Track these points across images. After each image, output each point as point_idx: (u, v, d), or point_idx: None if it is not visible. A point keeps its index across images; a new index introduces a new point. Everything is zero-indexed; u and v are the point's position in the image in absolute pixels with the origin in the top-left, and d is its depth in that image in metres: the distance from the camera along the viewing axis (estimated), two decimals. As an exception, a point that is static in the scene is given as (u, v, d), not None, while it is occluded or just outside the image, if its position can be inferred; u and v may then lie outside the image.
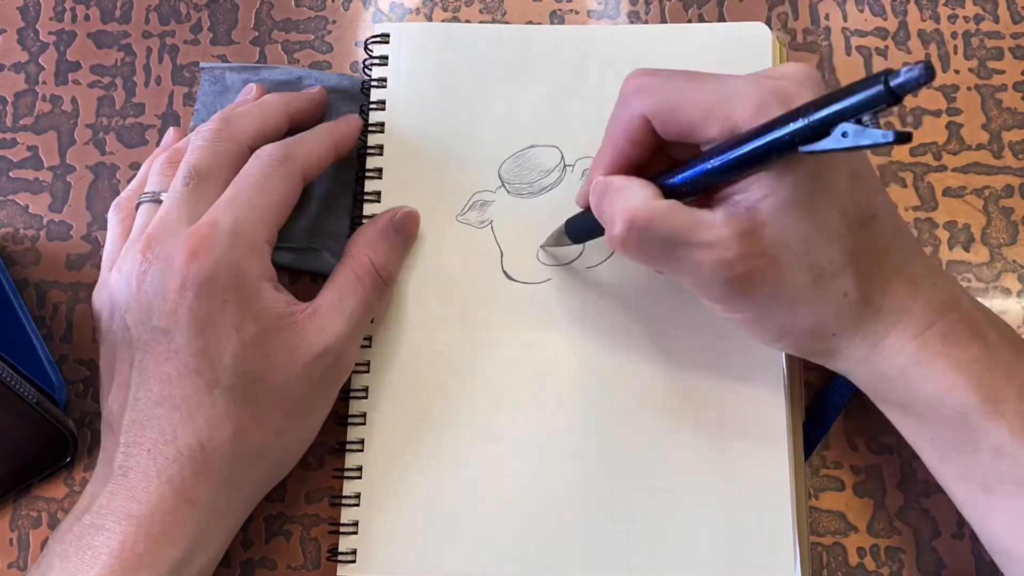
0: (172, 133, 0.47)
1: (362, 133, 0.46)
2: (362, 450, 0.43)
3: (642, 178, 0.37)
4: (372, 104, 0.47)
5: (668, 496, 0.42)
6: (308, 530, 0.44)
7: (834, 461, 0.44)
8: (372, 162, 0.46)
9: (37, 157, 0.49)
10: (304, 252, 0.46)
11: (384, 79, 0.47)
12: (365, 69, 0.48)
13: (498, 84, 0.47)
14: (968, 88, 0.49)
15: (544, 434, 0.43)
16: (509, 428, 0.43)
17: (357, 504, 0.42)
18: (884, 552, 0.43)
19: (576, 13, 0.51)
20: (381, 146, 0.46)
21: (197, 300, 0.37)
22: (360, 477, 0.42)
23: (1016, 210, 0.47)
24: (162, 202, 0.40)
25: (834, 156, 0.34)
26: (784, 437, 0.42)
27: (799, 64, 0.36)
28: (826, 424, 0.44)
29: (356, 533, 0.42)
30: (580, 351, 0.44)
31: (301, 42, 0.51)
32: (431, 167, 0.46)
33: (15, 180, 0.49)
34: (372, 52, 0.48)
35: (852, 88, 0.29)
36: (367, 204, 0.45)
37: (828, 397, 0.44)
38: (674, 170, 0.36)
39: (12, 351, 0.42)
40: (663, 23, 0.50)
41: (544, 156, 0.46)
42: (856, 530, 0.43)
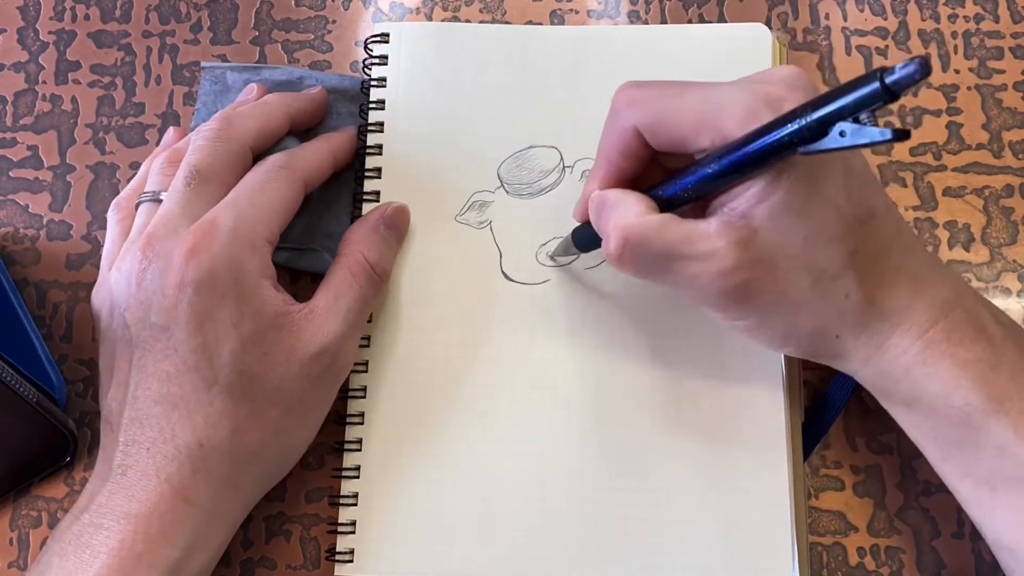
0: (172, 133, 0.47)
1: (361, 132, 0.46)
2: (360, 450, 0.43)
3: (637, 191, 0.37)
4: (372, 103, 0.47)
5: (667, 496, 0.42)
6: (308, 530, 0.44)
7: (834, 461, 0.44)
8: (371, 162, 0.46)
9: (37, 157, 0.49)
10: (303, 252, 0.46)
11: (384, 79, 0.47)
12: (365, 68, 0.48)
13: (498, 84, 0.47)
14: (968, 88, 0.49)
15: (542, 434, 0.43)
16: (507, 428, 0.43)
17: (355, 504, 0.42)
18: (884, 552, 0.43)
19: (576, 13, 0.51)
20: (380, 146, 0.46)
21: (196, 296, 0.37)
22: (358, 477, 0.42)
23: (1016, 210, 0.47)
24: (162, 201, 0.40)
25: (828, 157, 0.34)
26: (783, 437, 0.42)
27: (789, 67, 0.36)
28: (826, 424, 0.44)
29: (354, 533, 0.42)
30: (579, 352, 0.44)
31: (301, 42, 0.51)
32: (430, 167, 0.46)
33: (15, 180, 0.49)
34: (372, 51, 0.48)
35: (848, 87, 0.29)
36: (366, 204, 0.45)
37: (828, 397, 0.44)
38: (668, 180, 0.36)
39: (12, 351, 0.42)
40: (663, 23, 0.50)
41: (543, 157, 0.46)
42: (856, 530, 0.43)
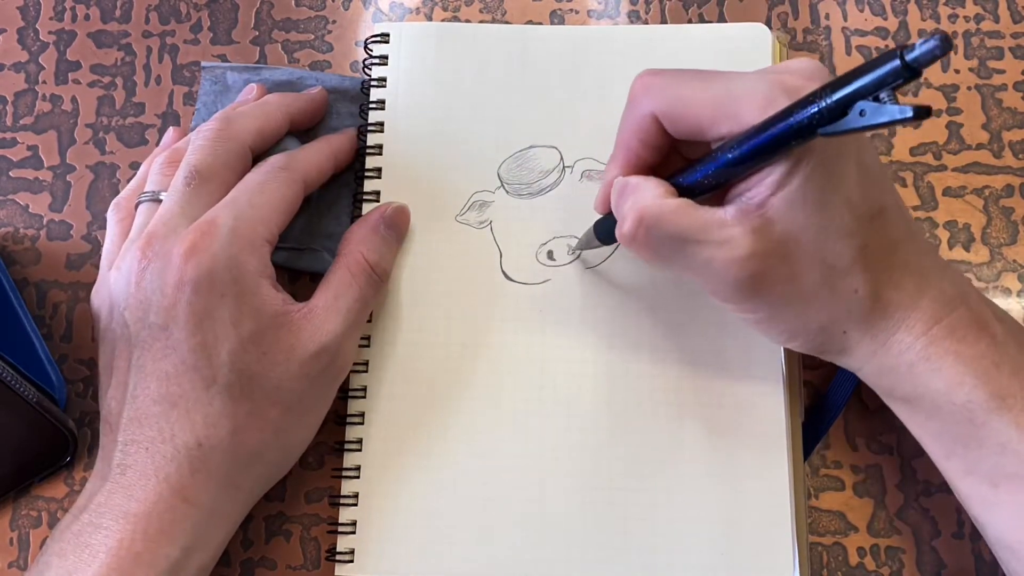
0: (172, 133, 0.47)
1: (361, 132, 0.46)
2: (360, 450, 0.43)
3: (658, 178, 0.37)
4: (372, 103, 0.47)
5: (667, 496, 0.42)
6: (308, 530, 0.44)
7: (834, 461, 0.44)
8: (371, 162, 0.46)
9: (37, 157, 0.49)
10: (303, 252, 0.46)
11: (384, 79, 0.47)
12: (365, 69, 0.48)
13: (498, 84, 0.47)
14: (968, 88, 0.49)
15: (542, 434, 0.43)
16: (507, 428, 0.43)
17: (355, 504, 0.42)
18: (884, 552, 0.43)
19: (576, 13, 0.51)
20: (380, 146, 0.46)
21: (195, 295, 0.37)
22: (358, 477, 0.42)
23: (1016, 210, 0.47)
24: (161, 201, 0.40)
25: (843, 151, 0.34)
26: (783, 437, 0.42)
27: (807, 59, 0.36)
28: (826, 424, 0.44)
29: (354, 533, 0.42)
30: (579, 352, 0.44)
31: (301, 42, 0.51)
32: (430, 167, 0.46)
33: (15, 180, 0.49)
34: (372, 51, 0.48)
35: (867, 66, 0.29)
36: (366, 203, 0.45)
37: (828, 397, 0.44)
38: (687, 168, 0.36)
39: (12, 351, 0.42)
40: (663, 23, 0.50)
41: (543, 157, 0.46)
42: (856, 530, 0.43)
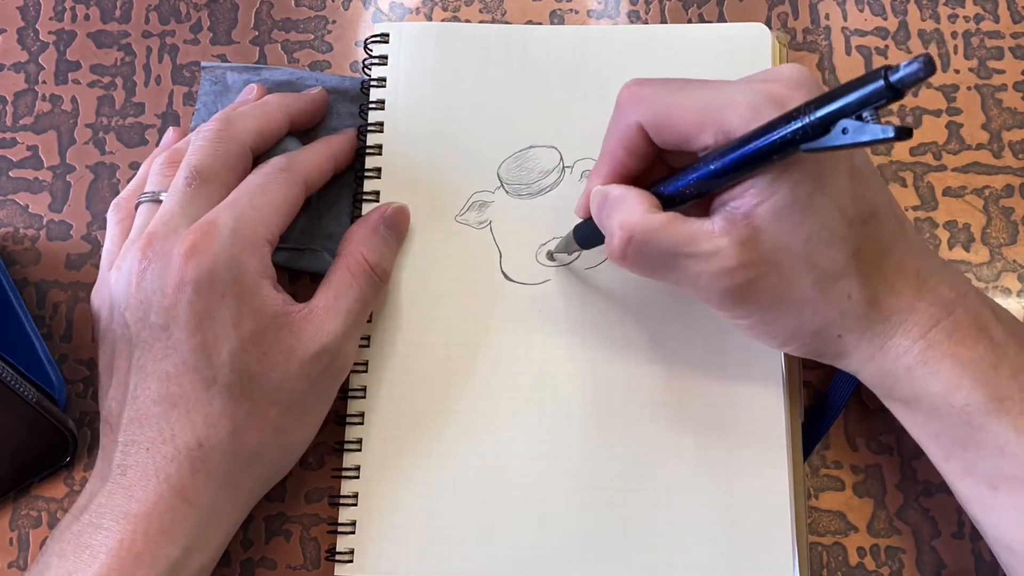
0: (172, 133, 0.47)
1: (361, 132, 0.47)
2: (360, 450, 0.43)
3: (640, 187, 0.37)
4: (371, 104, 0.47)
5: (667, 496, 0.42)
6: (308, 530, 0.44)
7: (834, 461, 0.44)
8: (371, 162, 0.46)
9: (37, 157, 0.49)
10: (303, 252, 0.46)
11: (383, 79, 0.47)
12: (364, 69, 0.48)
13: (497, 84, 0.47)
14: (968, 88, 0.49)
15: (542, 434, 0.43)
16: (507, 428, 0.43)
17: (355, 504, 0.42)
18: (884, 552, 0.43)
19: (576, 13, 0.51)
20: (380, 146, 0.46)
21: (196, 295, 0.37)
22: (358, 477, 0.42)
23: (1016, 210, 0.47)
24: (161, 202, 0.40)
25: (833, 156, 0.34)
26: (783, 437, 0.42)
27: (793, 66, 0.36)
28: (826, 424, 0.44)
29: (354, 533, 0.42)
30: (579, 352, 0.44)
31: (301, 42, 0.51)
32: (430, 167, 0.46)
33: (15, 180, 0.49)
34: (371, 52, 0.48)
35: (852, 84, 0.29)
36: (366, 204, 0.45)
37: (828, 397, 0.44)
38: (671, 177, 0.36)
39: (12, 351, 0.42)
40: (663, 23, 0.50)
41: (543, 157, 0.46)
42: (856, 530, 0.43)
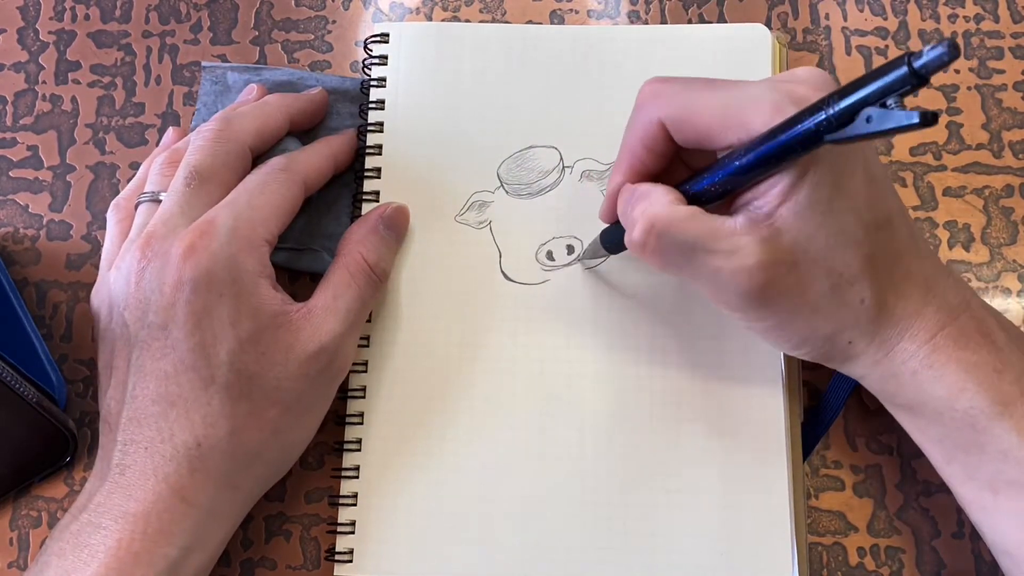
0: (172, 133, 0.47)
1: (361, 132, 0.47)
2: (359, 450, 0.43)
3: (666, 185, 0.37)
4: (371, 103, 0.47)
5: (666, 496, 0.42)
6: (308, 530, 0.44)
7: (834, 461, 0.44)
8: (371, 162, 0.46)
9: (37, 157, 0.49)
10: (303, 252, 0.46)
11: (383, 79, 0.47)
12: (364, 68, 0.48)
13: (497, 84, 0.47)
14: (968, 88, 0.49)
15: (541, 434, 0.43)
16: (507, 429, 0.43)
17: (354, 504, 0.42)
18: (884, 552, 0.43)
19: (576, 13, 0.51)
20: (380, 146, 0.46)
21: (194, 294, 0.37)
22: (357, 477, 0.42)
23: (1016, 210, 0.47)
24: (161, 202, 0.41)
25: (850, 160, 0.34)
26: (783, 437, 0.42)
27: (812, 68, 0.36)
28: (826, 424, 0.44)
29: (353, 533, 0.42)
30: (578, 352, 0.43)
31: (301, 42, 0.51)
32: (430, 167, 0.46)
33: (15, 180, 0.49)
34: (371, 51, 0.48)
35: (875, 73, 0.29)
36: (366, 203, 0.45)
37: (828, 397, 0.44)
38: (695, 176, 0.36)
39: (12, 351, 0.42)
40: (663, 23, 0.50)
41: (543, 157, 0.46)
42: (856, 530, 0.43)
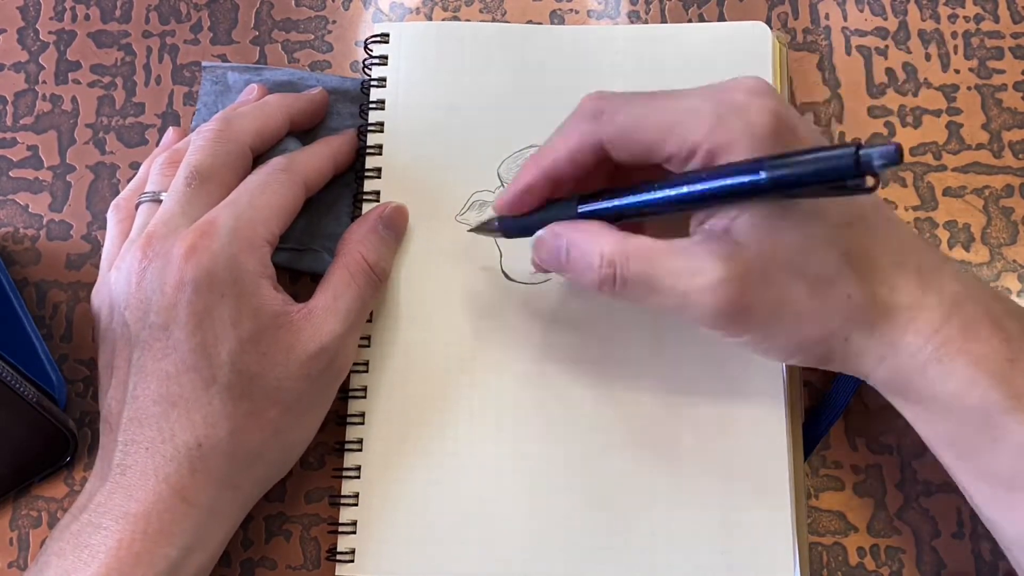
0: (172, 133, 0.47)
1: (361, 132, 0.47)
2: (361, 450, 0.43)
3: (597, 220, 0.37)
4: (371, 103, 0.47)
5: (667, 496, 0.42)
6: (308, 530, 0.44)
7: (834, 461, 0.44)
8: (371, 162, 0.46)
9: (37, 157, 0.49)
10: (304, 252, 0.46)
11: (383, 79, 0.47)
12: (364, 68, 0.48)
13: (497, 84, 0.47)
14: (968, 88, 0.49)
15: (543, 434, 0.43)
16: (508, 428, 0.43)
17: (356, 504, 0.42)
18: (884, 552, 0.43)
19: (576, 13, 0.51)
20: (380, 146, 0.46)
21: (195, 294, 0.37)
22: (359, 477, 0.42)
23: (1016, 210, 0.47)
24: (162, 202, 0.41)
25: None
26: (783, 437, 0.42)
27: (751, 77, 0.36)
28: (826, 424, 0.43)
29: (355, 533, 0.42)
30: (579, 351, 0.43)
31: (301, 42, 0.51)
32: (430, 167, 0.46)
33: (15, 180, 0.49)
34: (371, 51, 0.48)
35: (820, 160, 0.31)
36: (366, 203, 0.45)
37: (828, 397, 0.44)
38: (610, 192, 0.37)
39: (12, 351, 0.42)
40: (663, 23, 0.50)
41: (543, 156, 0.46)
42: (856, 530, 0.43)
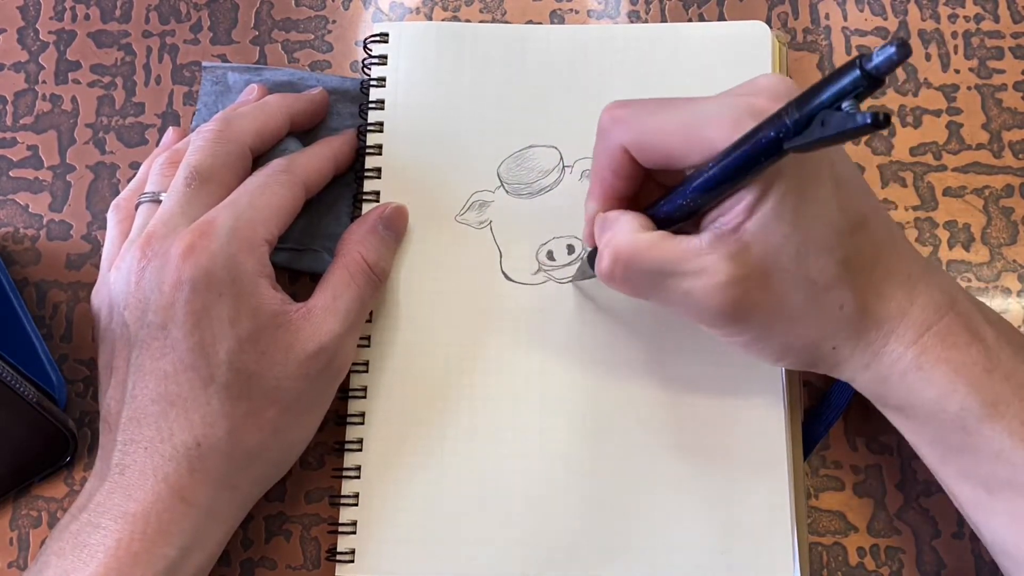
0: (172, 133, 0.47)
1: (361, 132, 0.47)
2: (360, 450, 0.43)
3: (634, 210, 0.37)
4: (371, 103, 0.47)
5: (667, 496, 0.42)
6: (308, 530, 0.44)
7: (834, 461, 0.44)
8: (371, 162, 0.46)
9: (37, 157, 0.49)
10: (304, 253, 0.46)
11: (383, 78, 0.47)
12: (364, 68, 0.48)
13: (497, 84, 0.47)
14: (968, 88, 0.49)
15: (542, 434, 0.43)
16: (507, 428, 0.43)
17: (356, 504, 0.42)
18: (884, 552, 0.43)
19: (576, 13, 0.51)
20: (380, 146, 0.46)
21: (193, 293, 0.37)
22: (359, 477, 0.42)
23: (1016, 210, 0.47)
24: (161, 202, 0.41)
25: (815, 167, 0.34)
26: (783, 437, 0.42)
27: (772, 76, 0.36)
28: (826, 424, 0.44)
29: (354, 533, 0.42)
30: (579, 351, 0.43)
31: (301, 42, 0.51)
32: (430, 167, 0.46)
33: (15, 180, 0.49)
34: (371, 51, 0.48)
35: (829, 77, 0.29)
36: (366, 204, 0.45)
37: (828, 397, 0.44)
38: (663, 197, 0.36)
39: (12, 351, 0.42)
40: (663, 23, 0.50)
41: (543, 156, 0.46)
42: (856, 530, 0.43)
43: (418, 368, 0.44)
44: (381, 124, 0.47)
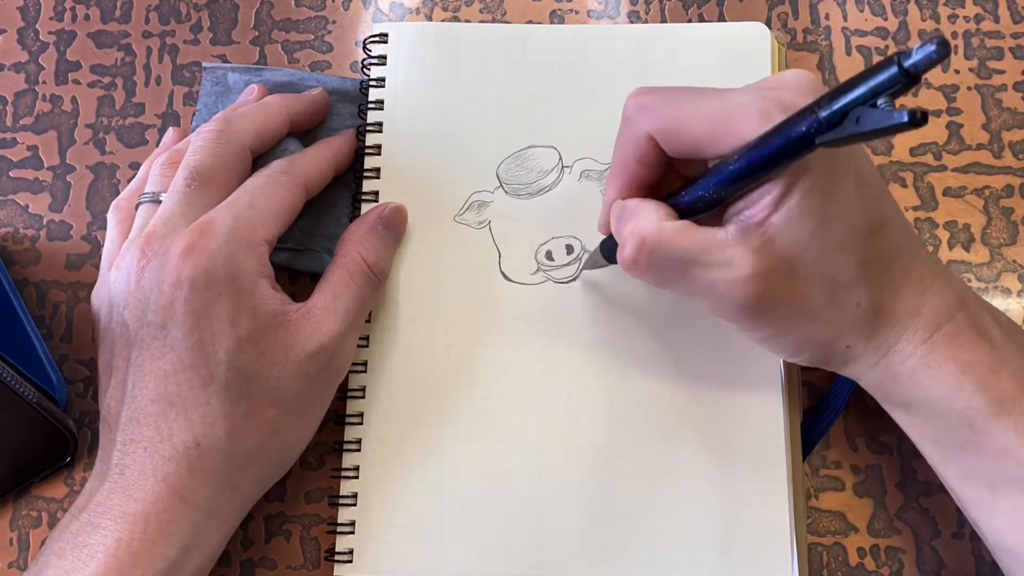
0: (172, 133, 0.47)
1: (360, 132, 0.47)
2: (359, 450, 0.43)
3: (656, 199, 0.37)
4: (371, 104, 0.47)
5: (666, 496, 0.42)
6: (308, 530, 0.44)
7: (834, 461, 0.44)
8: (370, 162, 0.46)
9: (37, 157, 0.49)
10: (303, 253, 0.46)
11: (383, 79, 0.47)
12: (364, 69, 0.48)
13: (497, 84, 0.47)
14: (968, 88, 0.49)
15: (542, 434, 0.43)
16: (507, 428, 0.43)
17: (354, 504, 0.42)
18: (884, 552, 0.43)
19: (576, 13, 0.51)
20: (379, 146, 0.46)
21: (192, 293, 0.37)
22: (357, 477, 0.42)
23: (1016, 210, 0.47)
24: (161, 202, 0.41)
25: (841, 165, 0.34)
26: (782, 438, 0.42)
27: (799, 71, 0.36)
28: (826, 424, 0.44)
29: (353, 533, 0.42)
30: (578, 352, 0.43)
31: (301, 42, 0.51)
32: (429, 167, 0.46)
33: (15, 180, 0.49)
34: (371, 52, 0.48)
35: (866, 73, 0.29)
36: (365, 204, 0.45)
37: (828, 397, 0.44)
38: (686, 187, 0.36)
39: (12, 351, 0.42)
40: (663, 23, 0.50)
41: (542, 157, 0.46)
42: (856, 530, 0.43)
43: (417, 368, 0.44)
44: (380, 124, 0.47)
